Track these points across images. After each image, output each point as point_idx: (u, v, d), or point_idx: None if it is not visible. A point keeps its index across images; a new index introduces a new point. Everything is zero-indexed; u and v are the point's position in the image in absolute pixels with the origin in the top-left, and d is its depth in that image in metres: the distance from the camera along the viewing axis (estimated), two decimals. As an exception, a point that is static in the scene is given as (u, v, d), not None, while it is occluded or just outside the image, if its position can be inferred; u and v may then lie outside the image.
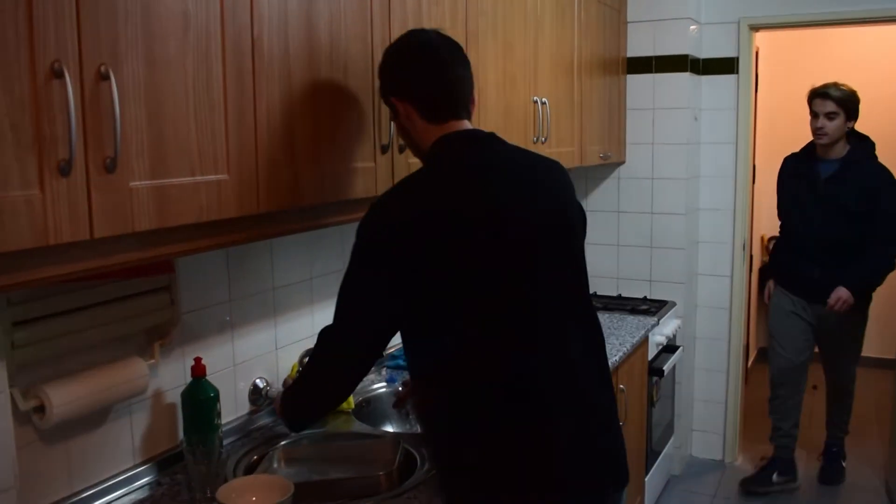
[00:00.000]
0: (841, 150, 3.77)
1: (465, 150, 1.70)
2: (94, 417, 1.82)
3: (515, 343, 1.61)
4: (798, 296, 3.94)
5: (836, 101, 3.66)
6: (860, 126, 3.85)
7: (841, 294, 3.72)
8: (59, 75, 1.18)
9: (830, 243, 3.75)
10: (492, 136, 1.75)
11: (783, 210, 4.01)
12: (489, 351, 1.60)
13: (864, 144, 3.79)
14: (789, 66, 5.95)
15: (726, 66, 4.16)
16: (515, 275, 1.61)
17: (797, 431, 4.12)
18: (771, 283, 4.12)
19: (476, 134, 1.74)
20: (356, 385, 1.70)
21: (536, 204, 1.67)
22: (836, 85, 3.71)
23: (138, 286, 1.86)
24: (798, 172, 3.89)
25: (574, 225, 1.76)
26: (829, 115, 3.68)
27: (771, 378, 4.11)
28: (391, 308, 1.60)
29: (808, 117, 3.79)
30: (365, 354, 1.66)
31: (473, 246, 1.57)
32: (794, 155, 4.00)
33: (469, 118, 1.75)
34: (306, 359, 2.36)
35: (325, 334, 1.68)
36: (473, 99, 1.78)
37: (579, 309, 1.74)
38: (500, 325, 1.60)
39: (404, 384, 2.23)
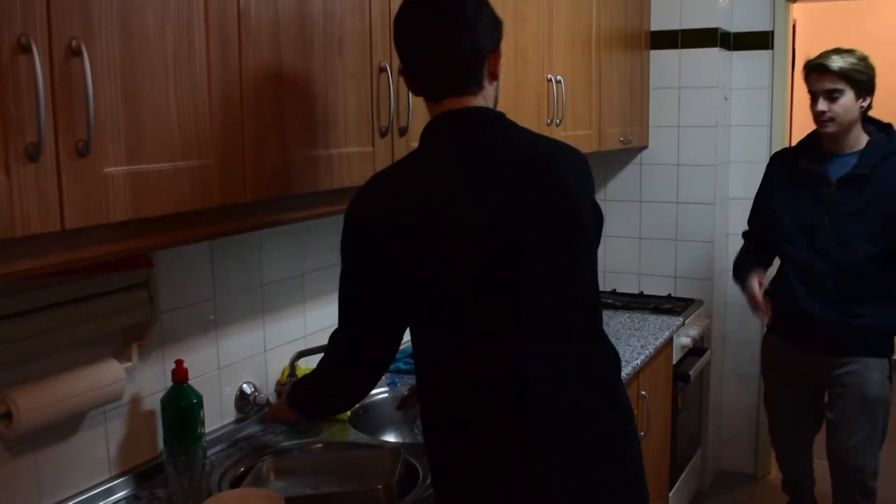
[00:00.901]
0: (856, 140, 3.04)
1: (452, 135, 1.65)
2: (66, 425, 1.83)
3: (494, 353, 1.59)
4: (794, 344, 3.23)
5: (838, 75, 2.94)
6: (888, 110, 3.32)
7: None
8: (26, 50, 1.18)
9: (840, 270, 3.01)
10: (491, 120, 1.68)
11: (772, 226, 3.22)
12: (464, 357, 1.60)
13: (888, 134, 3.08)
14: (829, 40, 5.88)
15: (760, 40, 4.14)
16: (492, 278, 1.58)
17: (812, 478, 3.57)
18: (764, 303, 3.22)
19: (471, 115, 1.66)
20: (372, 385, 1.76)
21: (535, 201, 1.61)
22: (837, 52, 2.99)
23: (113, 282, 1.86)
24: (797, 174, 3.14)
25: (583, 227, 1.68)
26: (831, 94, 2.96)
27: (770, 431, 3.60)
28: (378, 299, 1.63)
29: None
30: (368, 351, 1.70)
31: (442, 244, 1.57)
32: (787, 151, 3.36)
33: (481, 92, 1.67)
34: (298, 361, 2.37)
35: (331, 335, 1.76)
36: (491, 69, 1.68)
37: (580, 322, 1.69)
38: (475, 330, 1.60)
39: (410, 388, 2.24)
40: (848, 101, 2.96)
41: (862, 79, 2.95)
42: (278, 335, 2.43)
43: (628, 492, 1.71)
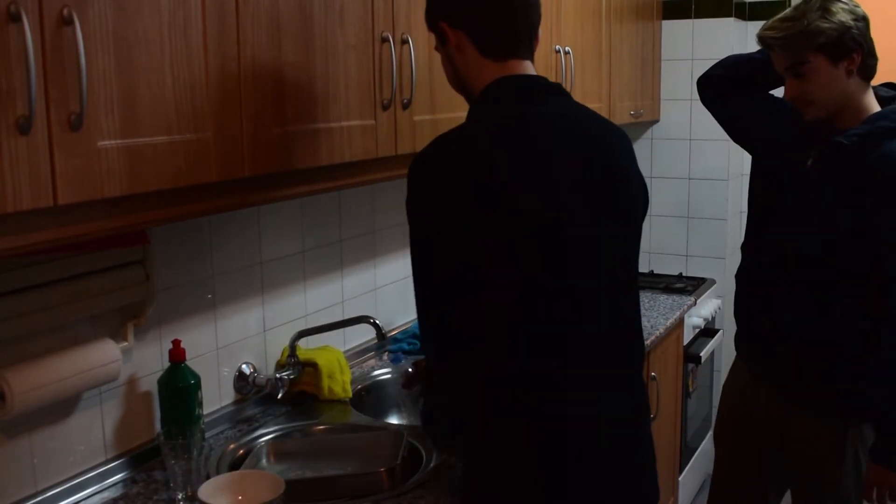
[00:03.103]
0: (857, 114, 2.19)
1: (521, 103, 1.59)
2: (61, 407, 1.83)
3: (528, 345, 1.54)
4: (750, 365, 2.50)
5: (785, 50, 2.17)
6: None
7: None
8: (16, 19, 1.17)
9: (795, 274, 2.27)
10: (556, 89, 1.65)
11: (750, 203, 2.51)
12: (498, 350, 1.54)
13: None
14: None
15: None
16: (542, 267, 1.51)
17: None
18: None
19: (538, 83, 1.63)
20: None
21: (595, 184, 1.57)
22: (793, 9, 2.19)
23: (108, 259, 1.86)
24: (798, 135, 2.32)
25: (635, 213, 1.65)
26: (796, 70, 2.17)
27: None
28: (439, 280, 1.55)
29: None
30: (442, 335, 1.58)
31: (499, 227, 1.49)
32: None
33: (532, 59, 1.66)
34: (298, 341, 2.37)
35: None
36: (538, 36, 1.68)
37: (624, 307, 1.65)
38: (514, 321, 1.52)
39: (415, 364, 2.22)
40: (822, 72, 2.14)
41: (827, 37, 2.10)
42: (278, 314, 2.43)
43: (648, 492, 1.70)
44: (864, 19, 2.15)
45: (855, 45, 2.12)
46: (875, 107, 2.21)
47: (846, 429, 2.25)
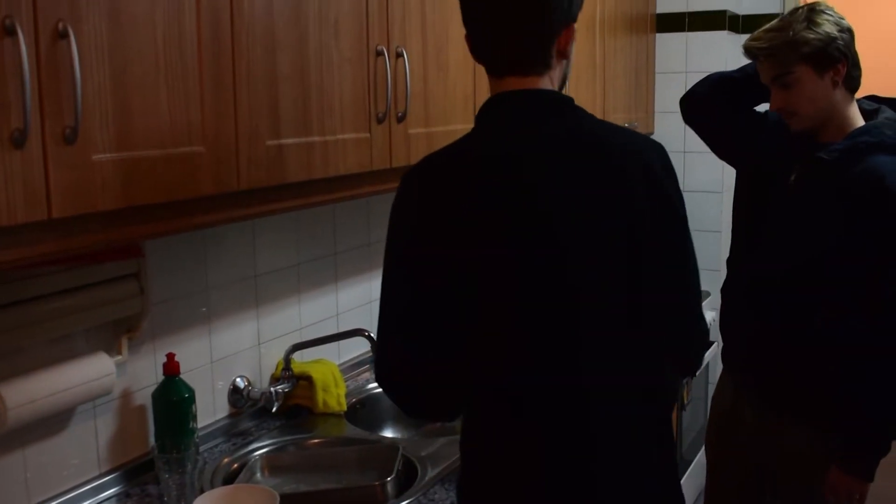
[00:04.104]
0: (843, 127, 2.20)
1: (509, 120, 1.52)
2: (54, 420, 1.83)
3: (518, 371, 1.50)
4: (738, 378, 2.47)
5: (771, 60, 2.17)
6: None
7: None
8: (11, 32, 1.18)
9: (782, 288, 2.26)
10: (552, 106, 1.54)
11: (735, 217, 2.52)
12: (488, 368, 1.52)
13: (883, 121, 2.20)
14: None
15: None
16: (518, 289, 1.47)
17: None
18: None
19: (532, 100, 1.53)
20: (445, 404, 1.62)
21: (591, 203, 1.47)
22: (779, 20, 2.22)
23: (103, 273, 1.86)
24: (781, 150, 2.32)
25: (638, 244, 1.49)
26: (782, 81, 2.17)
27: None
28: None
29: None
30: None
31: (484, 241, 1.47)
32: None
33: (547, 72, 1.54)
34: (293, 354, 2.37)
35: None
36: (561, 47, 1.54)
37: (619, 346, 1.52)
38: (501, 345, 1.50)
39: None
40: (808, 83, 2.13)
41: (813, 48, 2.10)
42: (273, 327, 2.43)
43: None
44: (848, 31, 2.15)
45: (840, 56, 2.13)
46: (859, 119, 2.21)
47: (835, 440, 2.24)
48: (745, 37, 4.06)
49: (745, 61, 2.34)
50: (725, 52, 4.01)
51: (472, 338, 1.50)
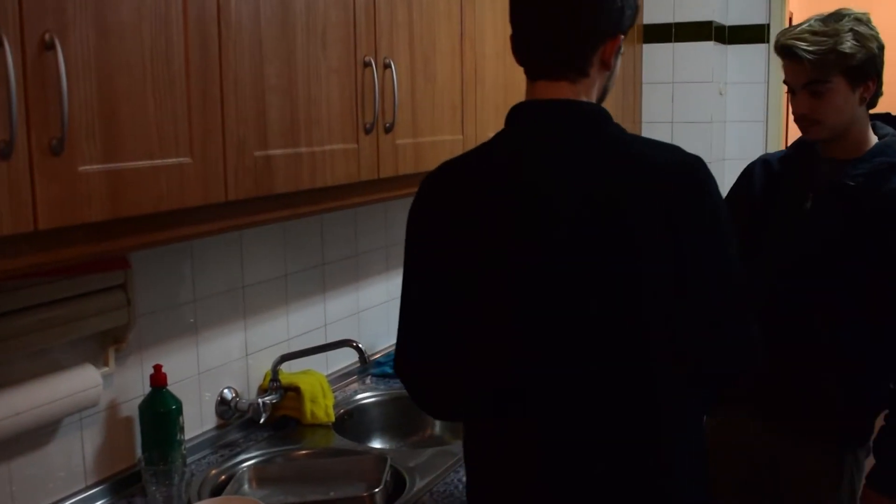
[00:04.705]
0: (858, 143, 2.15)
1: (521, 133, 1.50)
2: (40, 433, 1.82)
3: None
4: (752, 408, 2.31)
5: (813, 66, 2.05)
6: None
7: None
8: (-2, 45, 1.18)
9: (802, 314, 2.16)
10: (578, 119, 1.49)
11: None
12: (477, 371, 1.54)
13: (891, 140, 2.18)
14: (826, 34, 5.95)
15: (756, 34, 4.15)
16: (507, 307, 1.48)
17: None
18: None
19: (557, 111, 1.49)
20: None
21: (589, 219, 1.44)
22: (819, 22, 2.10)
23: (89, 284, 1.85)
24: (779, 185, 2.29)
25: (642, 279, 1.44)
26: (812, 89, 2.08)
27: None
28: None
29: None
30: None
31: (464, 254, 1.51)
32: (775, 156, 2.40)
33: (582, 80, 1.49)
34: (280, 366, 2.36)
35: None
36: (605, 56, 1.50)
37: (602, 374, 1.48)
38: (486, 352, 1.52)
39: None
40: (839, 95, 2.07)
41: (857, 61, 2.04)
42: (260, 338, 2.42)
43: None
44: (883, 48, 2.11)
45: (874, 73, 2.09)
46: (872, 137, 2.17)
47: (843, 455, 2.21)
48: (731, 47, 4.12)
49: (725, 69, 2.28)
50: (712, 63, 4.03)
51: (474, 338, 1.52)
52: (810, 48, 2.04)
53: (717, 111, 4.13)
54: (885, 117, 2.27)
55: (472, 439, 1.62)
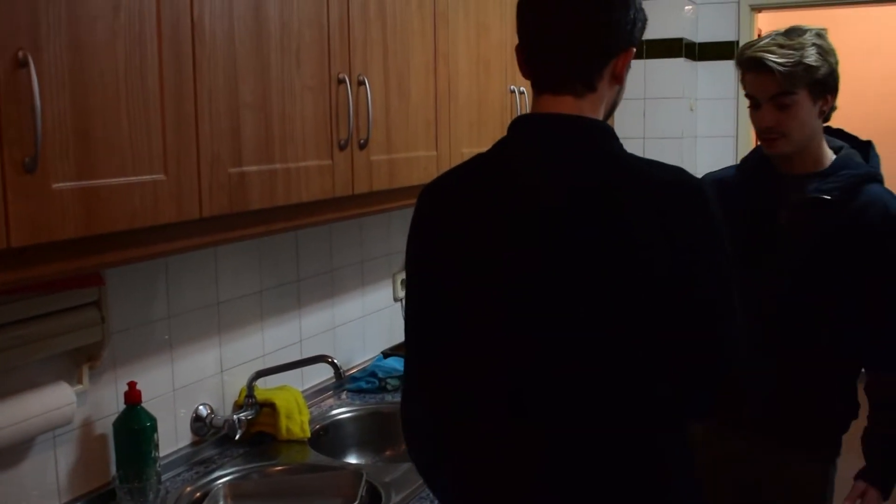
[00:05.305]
0: (819, 157, 2.17)
1: (524, 144, 1.48)
2: (13, 451, 1.80)
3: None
4: (738, 430, 2.25)
5: (782, 77, 2.04)
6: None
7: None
8: (-29, 63, 1.17)
9: (792, 330, 2.16)
10: (577, 136, 1.46)
11: None
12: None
13: (856, 151, 2.23)
14: (795, 50, 6.03)
15: (725, 50, 4.20)
16: (489, 321, 1.48)
17: None
18: None
19: (554, 123, 1.46)
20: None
21: (577, 252, 1.41)
22: (785, 35, 2.11)
23: (63, 301, 1.84)
24: (739, 205, 2.20)
25: (632, 290, 1.40)
26: (779, 102, 2.08)
27: None
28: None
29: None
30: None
31: (450, 268, 1.51)
32: (724, 175, 2.36)
33: (590, 94, 1.45)
34: (256, 381, 2.36)
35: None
36: (617, 71, 1.47)
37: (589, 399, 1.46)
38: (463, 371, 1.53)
39: None
40: (804, 108, 2.08)
41: (820, 74, 2.07)
42: (235, 355, 2.41)
43: None
44: (838, 63, 2.13)
45: (834, 87, 2.11)
46: (828, 151, 2.18)
47: (826, 466, 2.23)
48: (702, 64, 4.16)
49: (695, 85, 2.28)
50: (682, 79, 4.08)
51: (472, 346, 1.52)
52: (780, 60, 2.04)
53: (688, 126, 4.18)
54: (833, 131, 2.29)
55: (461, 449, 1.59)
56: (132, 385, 1.97)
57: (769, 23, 5.48)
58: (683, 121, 4.12)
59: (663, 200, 1.41)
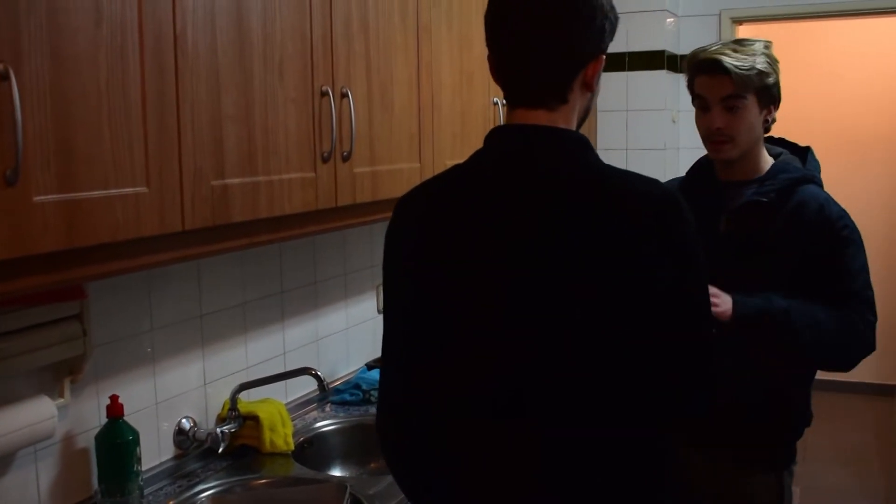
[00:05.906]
0: (756, 165, 2.22)
1: (497, 157, 1.49)
2: (-6, 466, 1.79)
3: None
4: (693, 443, 2.23)
5: (737, 79, 2.10)
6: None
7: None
8: (-49, 75, 1.17)
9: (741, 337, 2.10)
10: (551, 147, 1.46)
11: None
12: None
13: (796, 157, 2.31)
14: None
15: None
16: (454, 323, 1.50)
17: None
18: None
19: (529, 134, 1.45)
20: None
21: (546, 264, 1.42)
22: (737, 44, 2.19)
23: (44, 314, 1.83)
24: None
25: (596, 302, 1.40)
26: (729, 104, 2.13)
27: None
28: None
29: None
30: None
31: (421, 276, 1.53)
32: (671, 185, 2.38)
33: (562, 106, 1.45)
34: (239, 394, 2.35)
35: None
36: (587, 78, 1.46)
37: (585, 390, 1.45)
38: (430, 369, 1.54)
39: None
40: (752, 113, 2.14)
41: (769, 82, 2.14)
42: (219, 367, 2.40)
43: None
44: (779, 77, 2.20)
45: (777, 98, 2.18)
46: (768, 158, 2.23)
47: (783, 472, 2.24)
48: (682, 75, 4.16)
49: (677, 97, 2.30)
50: (664, 90, 4.10)
51: (452, 352, 1.52)
52: (735, 62, 2.09)
53: (670, 138, 4.20)
54: (775, 140, 2.36)
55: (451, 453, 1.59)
56: (114, 398, 1.96)
57: (750, 35, 5.52)
58: (666, 132, 4.14)
59: (640, 210, 1.41)
